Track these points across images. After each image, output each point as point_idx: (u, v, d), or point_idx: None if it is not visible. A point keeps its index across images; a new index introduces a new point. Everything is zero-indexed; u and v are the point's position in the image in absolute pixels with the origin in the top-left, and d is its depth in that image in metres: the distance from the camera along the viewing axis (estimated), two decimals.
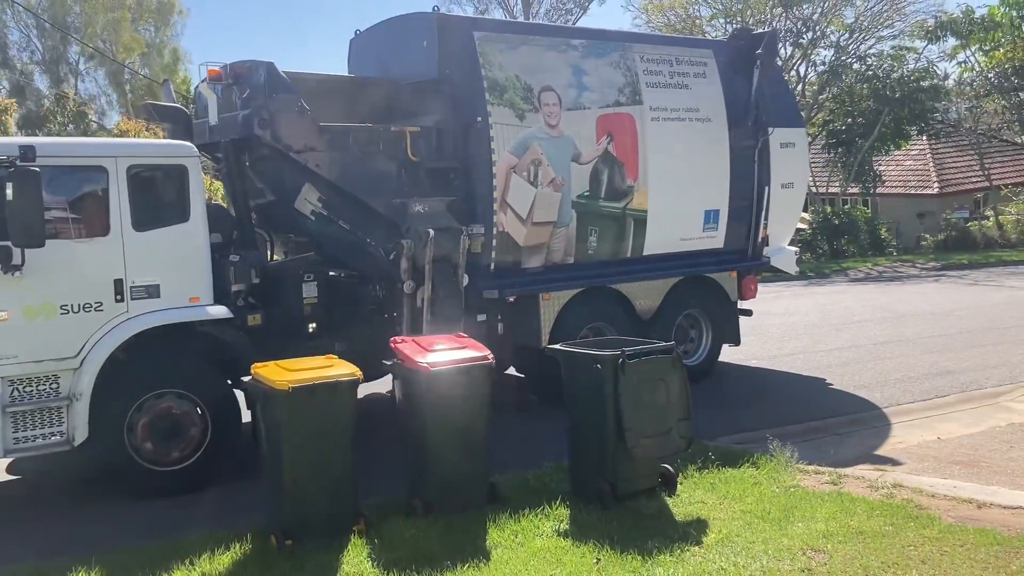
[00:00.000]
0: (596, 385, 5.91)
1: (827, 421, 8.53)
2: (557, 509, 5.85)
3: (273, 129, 7.56)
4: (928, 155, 34.79)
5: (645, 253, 9.54)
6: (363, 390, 8.90)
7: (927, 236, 30.63)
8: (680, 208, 9.68)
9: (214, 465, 6.90)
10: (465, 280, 7.90)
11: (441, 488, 5.85)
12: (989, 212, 31.93)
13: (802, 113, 14.41)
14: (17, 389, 6.27)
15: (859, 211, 30.22)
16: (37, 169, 6.00)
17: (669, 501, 6.01)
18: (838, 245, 27.72)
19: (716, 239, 10.11)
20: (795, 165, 10.84)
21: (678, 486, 6.17)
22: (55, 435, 6.41)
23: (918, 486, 6.23)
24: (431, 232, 7.46)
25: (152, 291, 6.71)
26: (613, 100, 9.20)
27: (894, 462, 7.13)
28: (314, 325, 7.76)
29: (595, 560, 5.06)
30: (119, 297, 6.58)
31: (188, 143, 7.25)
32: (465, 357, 5.98)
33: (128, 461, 6.61)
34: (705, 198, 9.95)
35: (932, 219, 32.08)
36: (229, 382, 7.25)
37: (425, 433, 5.85)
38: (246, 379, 5.70)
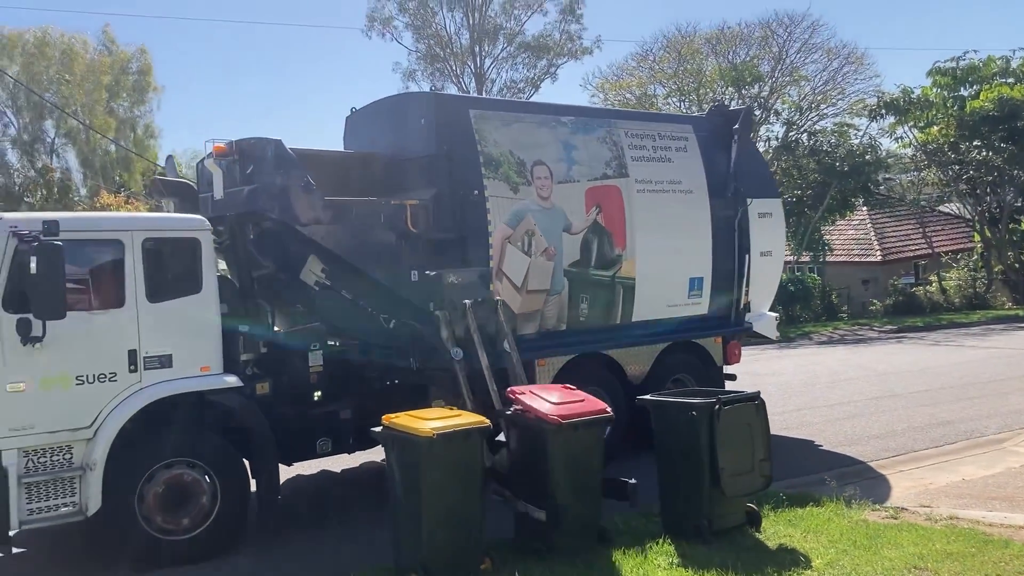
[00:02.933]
0: (691, 431, 6.48)
1: (856, 467, 9.12)
2: (662, 546, 6.33)
3: (281, 204, 7.83)
4: (869, 224, 36.46)
5: (634, 319, 9.84)
6: (364, 456, 9.16)
7: (875, 301, 31.71)
8: (666, 275, 10.03)
9: (223, 534, 6.95)
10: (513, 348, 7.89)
11: (563, 531, 6.23)
12: (933, 278, 33.28)
13: None
14: (32, 460, 6.32)
15: (810, 278, 31.26)
16: (60, 243, 6.17)
17: (758, 536, 6.52)
18: (793, 312, 28.54)
19: (701, 305, 10.46)
20: (773, 234, 11.31)
21: (762, 522, 6.69)
22: (67, 506, 6.45)
23: (973, 517, 6.81)
24: (467, 303, 7.63)
25: (165, 361, 6.84)
26: (601, 173, 9.62)
27: (936, 499, 7.65)
28: (319, 393, 7.90)
29: None
30: (133, 367, 6.70)
31: (201, 217, 7.47)
32: (590, 409, 6.44)
33: (138, 530, 6.64)
34: (689, 266, 10.33)
35: (877, 285, 33.31)
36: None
37: (549, 479, 6.22)
38: (378, 427, 6.18)
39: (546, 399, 6.47)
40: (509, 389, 6.80)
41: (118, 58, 35.58)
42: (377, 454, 9.00)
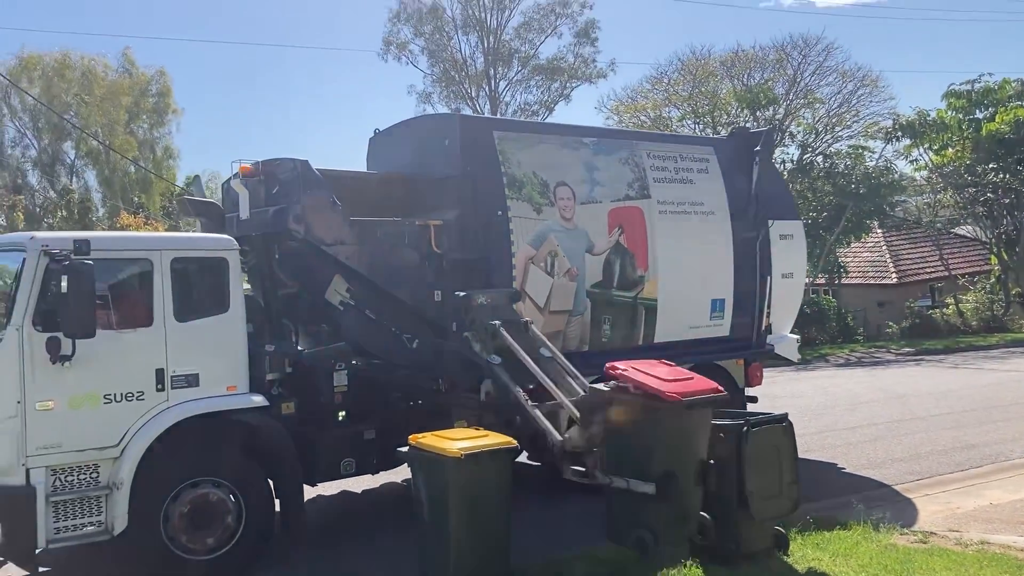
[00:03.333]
0: (719, 453, 6.36)
1: (881, 490, 9.06)
2: (690, 569, 6.24)
3: (307, 223, 7.87)
4: (884, 246, 36.33)
5: (656, 341, 9.79)
6: (384, 477, 9.13)
7: (891, 324, 31.53)
8: (688, 297, 10.00)
9: (248, 553, 6.93)
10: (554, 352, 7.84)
11: (671, 518, 6.04)
12: (949, 300, 33.11)
13: None
14: (60, 479, 6.33)
15: (826, 300, 31.15)
16: (91, 262, 6.21)
17: (787, 559, 6.43)
18: (809, 334, 28.39)
19: (722, 327, 10.41)
20: (794, 256, 11.27)
21: (790, 546, 6.59)
22: (93, 525, 6.44)
23: (1004, 542, 6.72)
24: (497, 323, 7.60)
25: (192, 380, 6.85)
26: (623, 194, 9.63)
27: (964, 524, 7.58)
28: (344, 413, 7.90)
29: None
30: (160, 386, 6.71)
31: (229, 237, 7.51)
32: (703, 388, 6.23)
33: (163, 550, 6.62)
34: (711, 287, 10.30)
35: (893, 307, 33.12)
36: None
37: (659, 459, 5.96)
38: (405, 447, 6.11)
39: (654, 375, 6.18)
40: (609, 364, 6.57)
41: (138, 80, 36.07)
42: (398, 475, 8.98)
